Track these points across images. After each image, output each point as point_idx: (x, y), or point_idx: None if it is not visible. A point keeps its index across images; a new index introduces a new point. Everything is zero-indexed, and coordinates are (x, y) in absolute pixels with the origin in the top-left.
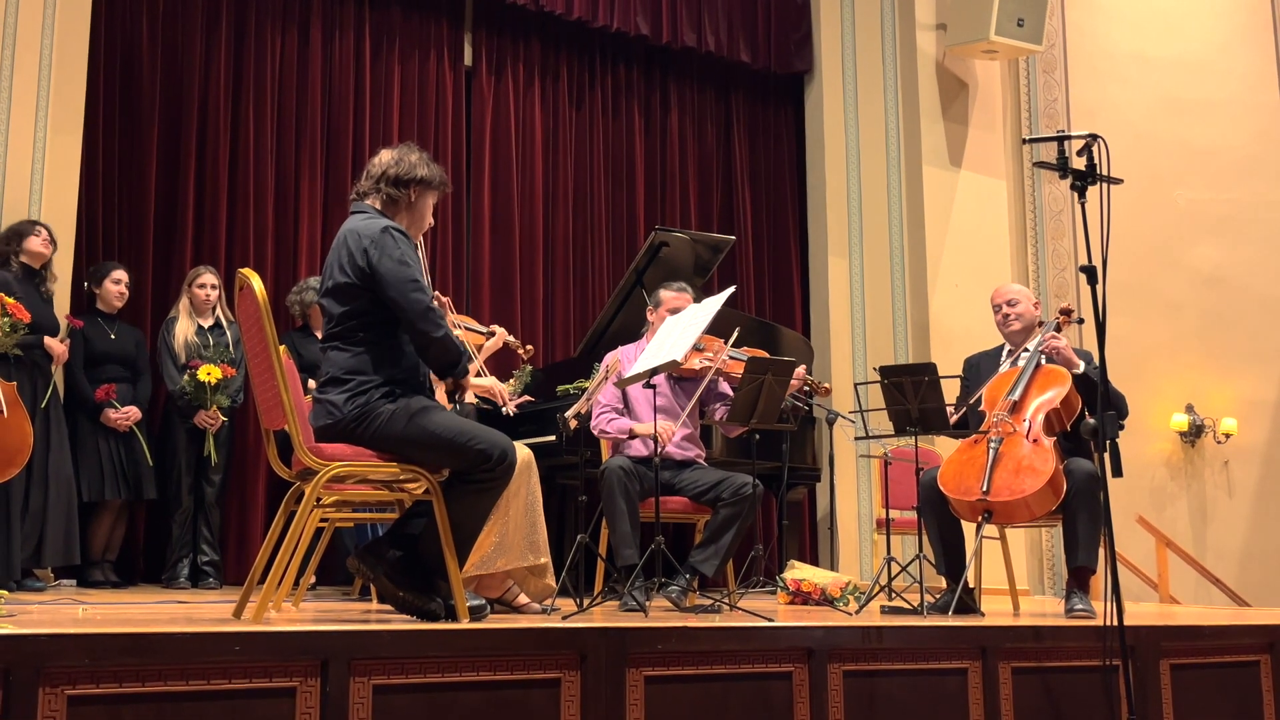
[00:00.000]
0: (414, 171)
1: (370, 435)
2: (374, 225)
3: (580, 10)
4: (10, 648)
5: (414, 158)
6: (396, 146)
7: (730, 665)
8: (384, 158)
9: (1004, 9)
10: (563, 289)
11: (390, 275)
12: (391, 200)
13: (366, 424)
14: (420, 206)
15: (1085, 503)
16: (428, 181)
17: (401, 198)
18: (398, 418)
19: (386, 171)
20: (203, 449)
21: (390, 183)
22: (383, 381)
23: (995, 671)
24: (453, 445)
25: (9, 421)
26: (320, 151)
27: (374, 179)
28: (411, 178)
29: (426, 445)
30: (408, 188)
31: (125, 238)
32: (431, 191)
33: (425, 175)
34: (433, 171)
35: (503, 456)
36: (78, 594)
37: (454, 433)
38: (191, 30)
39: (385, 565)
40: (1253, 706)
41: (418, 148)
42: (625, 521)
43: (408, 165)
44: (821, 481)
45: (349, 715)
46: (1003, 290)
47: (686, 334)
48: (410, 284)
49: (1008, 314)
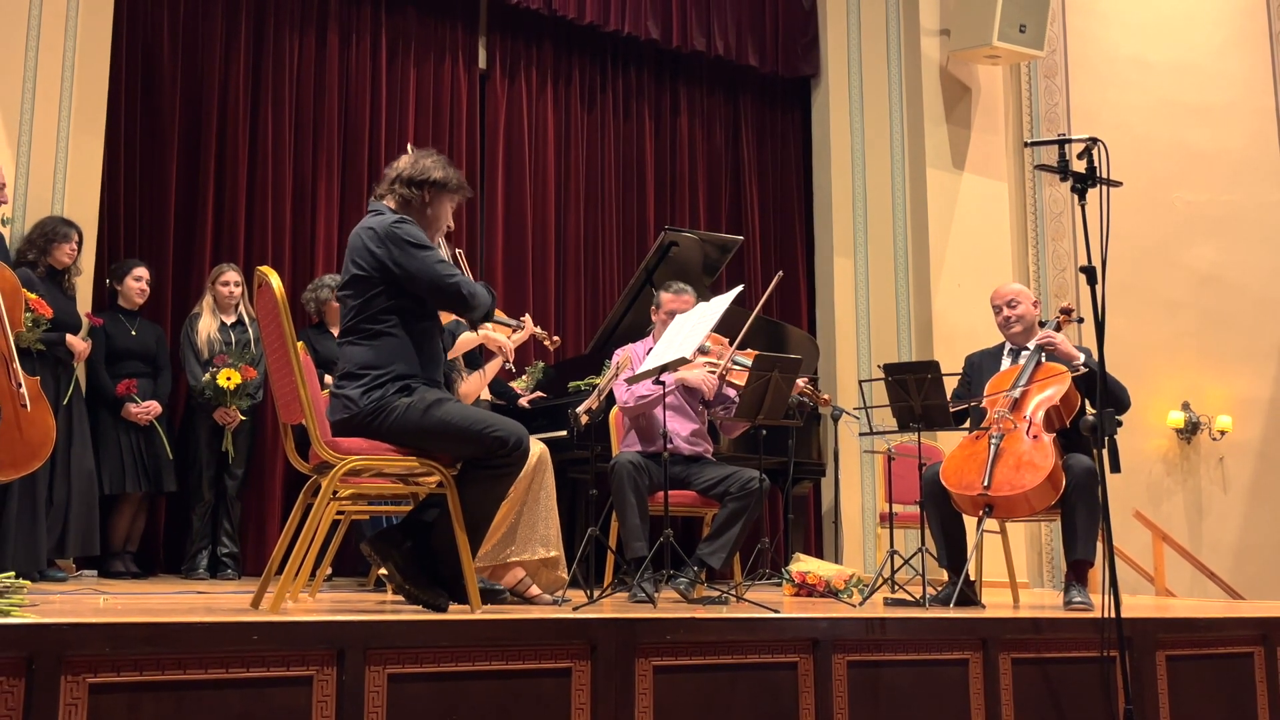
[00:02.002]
0: (428, 174)
1: (386, 429)
2: (385, 220)
3: (592, 15)
4: (33, 637)
5: (429, 161)
6: (416, 150)
7: (737, 655)
8: (402, 161)
9: (1006, 15)
10: (574, 287)
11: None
12: (405, 201)
13: (382, 418)
14: (436, 209)
15: (1084, 498)
16: (442, 184)
17: (415, 199)
18: (413, 411)
19: (402, 173)
20: (222, 444)
21: (405, 184)
22: (397, 375)
23: (995, 662)
24: (468, 433)
25: (33, 416)
26: (337, 152)
27: (390, 180)
28: (425, 179)
29: (443, 435)
30: (421, 189)
31: (146, 236)
32: (447, 194)
33: (440, 178)
34: (449, 175)
35: (518, 443)
36: (99, 584)
37: (469, 421)
38: (211, 33)
39: (397, 554)
40: (1246, 697)
41: (438, 153)
42: (635, 515)
43: (422, 168)
44: (826, 476)
45: (364, 704)
46: (1002, 291)
47: (695, 332)
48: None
49: (1008, 315)
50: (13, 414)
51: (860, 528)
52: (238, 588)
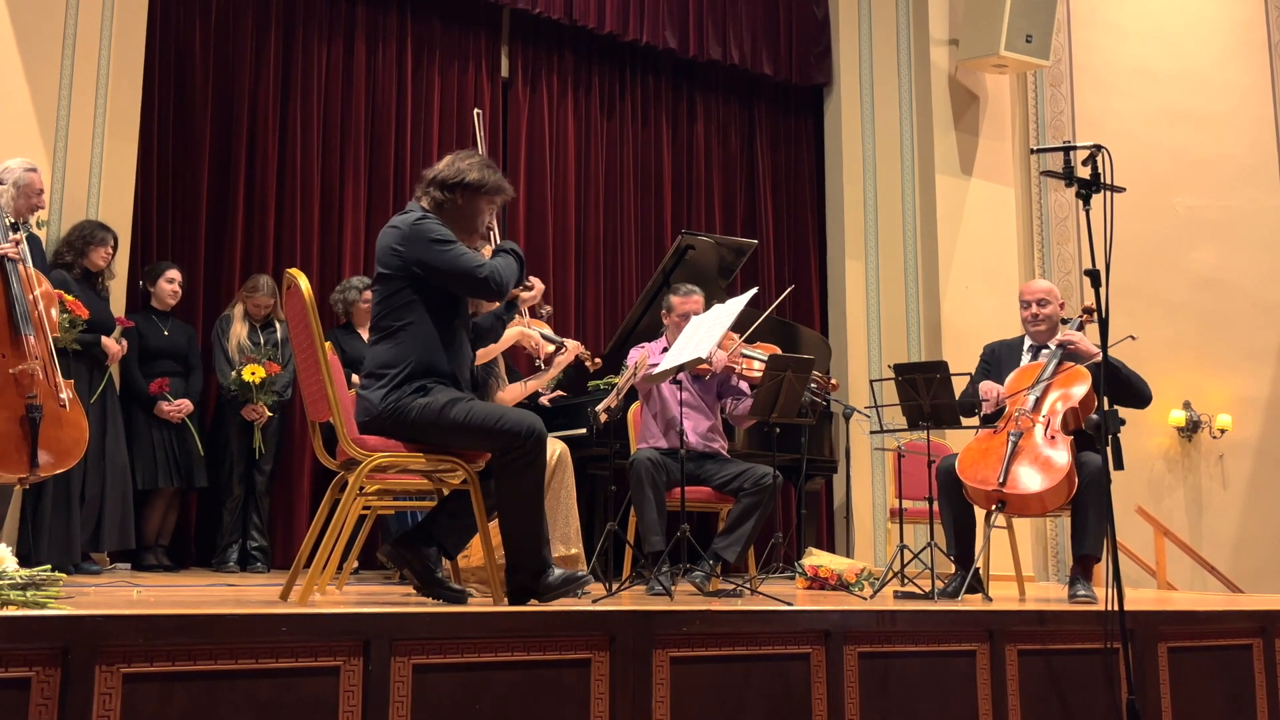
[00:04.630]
0: (462, 176)
1: (406, 429)
2: (408, 219)
3: (612, 24)
4: (69, 627)
5: (466, 164)
6: (457, 152)
7: (751, 647)
8: (440, 163)
9: (1014, 26)
10: (593, 289)
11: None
12: (438, 204)
13: (400, 418)
14: (470, 211)
15: (1094, 495)
16: (477, 186)
17: (448, 201)
18: (428, 411)
19: (437, 175)
20: (252, 441)
21: (438, 186)
22: (415, 375)
23: (1002, 653)
24: (482, 428)
25: (69, 416)
26: (364, 157)
27: (426, 182)
28: (459, 182)
29: (458, 432)
30: (454, 191)
31: (178, 239)
32: (484, 196)
33: (474, 180)
34: (485, 177)
35: (530, 430)
36: (132, 577)
37: (482, 417)
38: (242, 41)
39: (416, 561)
40: (1245, 687)
41: (479, 155)
42: (653, 510)
43: (457, 170)
44: (838, 473)
45: (390, 693)
46: (1034, 288)
47: (711, 332)
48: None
49: (1037, 314)
50: (52, 413)
51: (871, 523)
52: (267, 580)
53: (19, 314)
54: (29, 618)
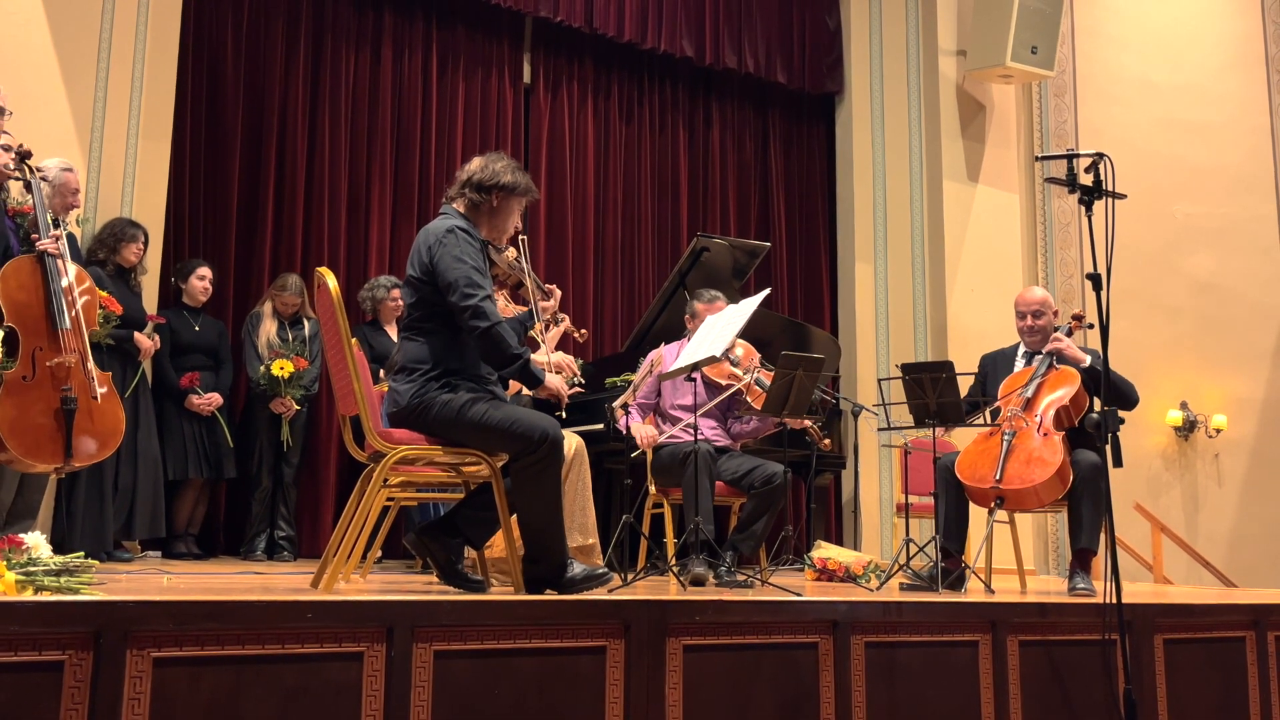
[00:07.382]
0: (498, 178)
1: (429, 422)
2: (442, 225)
3: (631, 33)
4: (101, 613)
5: (500, 165)
6: (487, 154)
7: (761, 636)
8: (473, 164)
9: (1019, 37)
10: (611, 290)
11: (445, 272)
12: (474, 205)
13: (424, 411)
14: (503, 212)
15: (1089, 491)
16: (511, 188)
17: (484, 202)
18: (450, 408)
19: (472, 177)
20: (280, 434)
21: (474, 188)
22: (442, 372)
23: (1004, 644)
24: (497, 431)
25: (104, 408)
26: (390, 161)
27: (461, 184)
28: (495, 184)
29: (476, 431)
30: (490, 193)
31: (209, 237)
32: (515, 198)
33: (508, 182)
34: (517, 179)
35: (544, 436)
36: (163, 564)
37: (498, 420)
38: (273, 46)
39: (439, 551)
40: (1238, 678)
41: (507, 157)
42: (708, 499)
43: (492, 172)
44: (846, 469)
45: (412, 678)
46: (1029, 300)
47: (725, 332)
48: (462, 280)
49: (1032, 325)
50: (86, 405)
51: (878, 517)
52: (293, 569)
53: (56, 308)
54: (62, 603)
